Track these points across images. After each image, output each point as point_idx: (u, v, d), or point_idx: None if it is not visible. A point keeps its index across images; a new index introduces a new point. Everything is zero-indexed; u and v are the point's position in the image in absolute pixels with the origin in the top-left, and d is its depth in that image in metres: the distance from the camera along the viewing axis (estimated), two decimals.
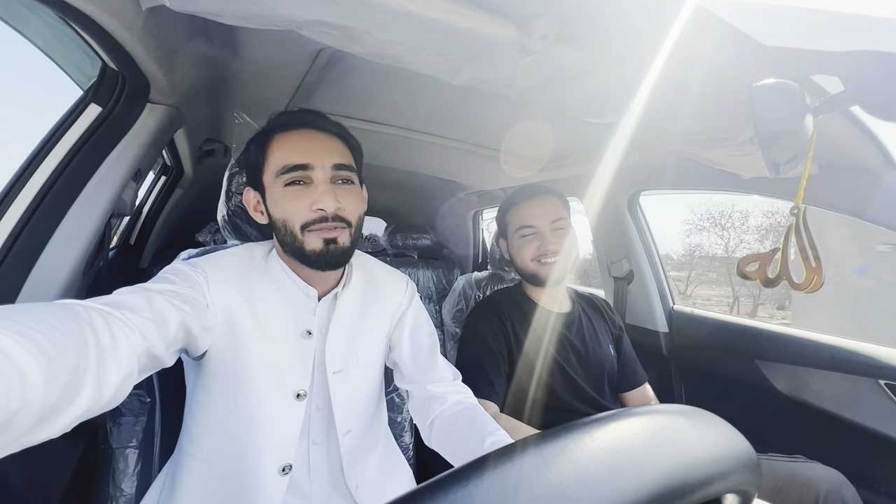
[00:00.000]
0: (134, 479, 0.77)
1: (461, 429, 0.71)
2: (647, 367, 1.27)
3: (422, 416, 0.77)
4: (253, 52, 0.92)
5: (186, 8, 0.50)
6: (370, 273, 0.82)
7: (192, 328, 0.60)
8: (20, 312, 0.38)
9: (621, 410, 0.26)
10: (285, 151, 0.67)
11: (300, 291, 0.71)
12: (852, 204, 0.92)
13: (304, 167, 0.66)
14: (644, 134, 0.84)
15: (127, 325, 0.49)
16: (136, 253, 2.00)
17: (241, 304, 0.67)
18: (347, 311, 0.75)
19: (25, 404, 0.34)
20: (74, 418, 0.40)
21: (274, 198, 0.68)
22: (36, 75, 17.16)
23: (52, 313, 0.41)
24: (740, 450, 0.26)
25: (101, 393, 0.42)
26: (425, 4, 0.50)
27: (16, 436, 0.34)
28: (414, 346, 0.82)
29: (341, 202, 0.67)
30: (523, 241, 1.13)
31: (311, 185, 0.67)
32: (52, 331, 0.38)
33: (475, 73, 0.65)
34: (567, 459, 0.21)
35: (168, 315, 0.56)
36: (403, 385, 0.83)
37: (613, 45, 0.62)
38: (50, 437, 0.38)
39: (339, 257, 0.68)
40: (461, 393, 0.79)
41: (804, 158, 0.56)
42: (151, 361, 0.54)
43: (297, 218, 0.66)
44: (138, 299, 0.54)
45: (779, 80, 0.47)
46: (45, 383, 0.35)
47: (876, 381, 1.05)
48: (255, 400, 0.66)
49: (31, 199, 0.79)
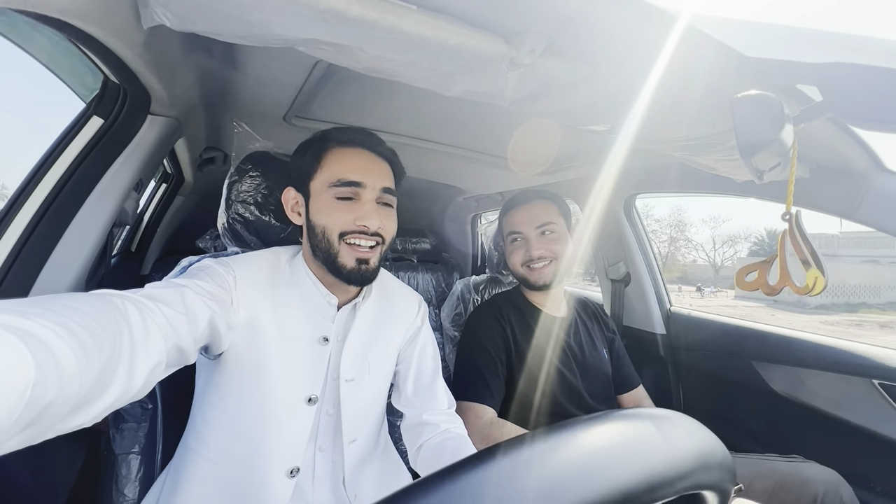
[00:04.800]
0: (136, 484, 0.78)
1: (446, 458, 0.74)
2: (645, 369, 1.28)
3: (411, 438, 0.81)
4: (251, 63, 0.94)
5: (186, 28, 0.52)
6: (387, 288, 0.85)
7: (218, 326, 0.62)
8: (61, 303, 0.39)
9: (587, 416, 0.27)
10: (342, 166, 0.71)
11: (322, 298, 0.74)
12: (843, 206, 0.94)
13: (357, 184, 0.70)
14: (637, 140, 0.86)
15: (161, 318, 0.51)
16: (137, 260, 2.02)
17: (264, 306, 0.69)
18: (364, 321, 0.78)
19: (61, 394, 0.35)
20: (105, 408, 0.41)
21: (320, 205, 0.71)
22: (40, 89, 17.12)
23: (91, 304, 0.42)
24: (711, 449, 0.27)
25: (132, 384, 0.44)
26: (416, 23, 0.52)
27: (51, 423, 0.35)
28: (418, 368, 0.85)
29: (382, 222, 0.72)
30: (513, 246, 1.17)
31: (359, 201, 0.71)
32: (90, 322, 0.40)
33: (467, 86, 0.67)
34: (544, 460, 0.22)
35: (199, 311, 0.58)
36: (399, 407, 0.85)
37: (602, 58, 0.64)
38: (82, 425, 0.39)
39: (368, 276, 0.72)
40: (452, 423, 0.82)
41: (788, 165, 0.58)
42: (179, 356, 0.55)
43: (338, 227, 0.69)
44: (173, 294, 0.56)
45: (759, 92, 0.48)
46: (80, 373, 0.36)
47: (870, 381, 1.06)
48: (267, 402, 0.68)
49: (36, 210, 0.81)
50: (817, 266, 0.66)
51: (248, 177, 0.85)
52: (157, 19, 0.52)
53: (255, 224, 0.85)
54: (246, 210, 0.84)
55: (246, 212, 0.84)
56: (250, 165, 0.86)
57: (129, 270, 1.84)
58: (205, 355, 0.71)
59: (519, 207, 1.18)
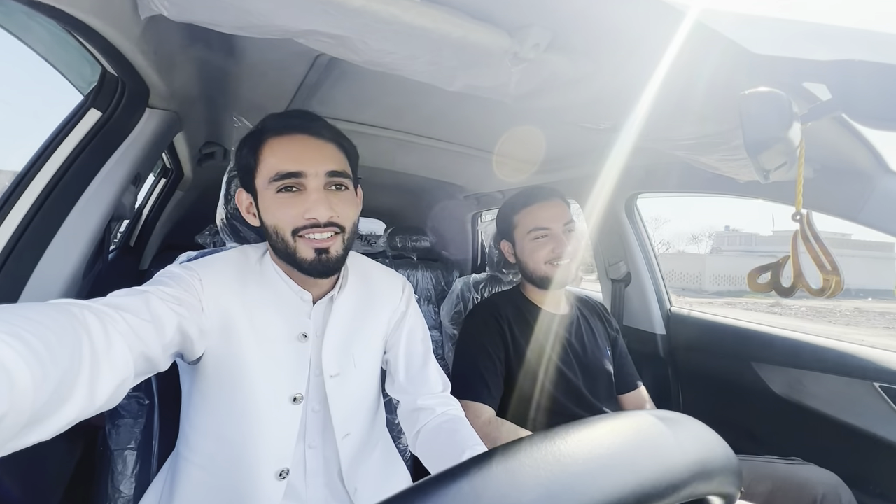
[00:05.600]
0: (132, 480, 0.77)
1: (443, 440, 0.73)
2: (645, 369, 1.28)
3: (409, 425, 0.79)
4: (251, 56, 0.93)
5: (184, 18, 0.51)
6: (366, 275, 0.82)
7: (189, 331, 0.60)
8: (13, 313, 0.38)
9: (595, 418, 0.26)
10: (278, 157, 0.66)
11: (295, 295, 0.71)
12: (847, 207, 0.93)
13: (297, 175, 0.65)
14: (639, 138, 0.85)
15: (124, 326, 0.49)
16: (135, 255, 2.01)
17: (236, 307, 0.67)
18: (344, 314, 0.75)
19: (13, 408, 0.33)
20: (66, 422, 0.39)
21: (266, 204, 0.67)
22: (37, 81, 16.88)
23: (46, 314, 0.40)
24: (718, 453, 0.26)
25: (95, 396, 0.42)
26: (418, 15, 0.51)
27: (3, 440, 0.34)
28: (408, 353, 0.82)
29: (335, 209, 0.66)
30: (536, 243, 1.12)
31: (304, 192, 0.66)
32: (45, 332, 0.38)
33: (470, 80, 0.66)
34: (535, 467, 0.22)
35: (165, 318, 0.56)
36: (394, 394, 0.83)
37: (607, 53, 0.63)
38: (40, 440, 0.37)
39: (331, 266, 0.67)
40: (448, 405, 0.80)
41: (794, 164, 0.57)
42: (147, 365, 0.53)
43: (288, 224, 0.65)
44: (136, 301, 0.54)
45: (767, 89, 0.47)
46: (35, 387, 0.34)
47: (872, 383, 1.05)
48: (251, 404, 0.67)
49: (33, 203, 0.80)
50: (833, 267, 0.64)
51: None
52: (155, 9, 0.51)
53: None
54: None
55: None
56: None
57: (127, 265, 1.83)
58: (182, 361, 0.70)
59: (542, 203, 1.14)
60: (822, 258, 0.64)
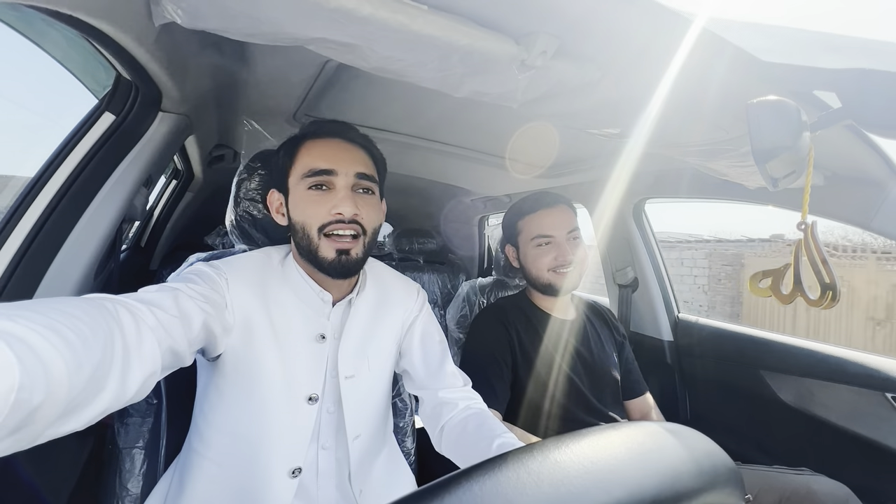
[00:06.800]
0: (140, 478, 0.78)
1: (470, 433, 0.71)
2: (652, 376, 1.26)
3: (432, 422, 0.78)
4: (262, 61, 0.94)
5: (196, 25, 0.52)
6: (383, 280, 0.84)
7: (213, 328, 0.62)
8: (49, 307, 0.39)
9: (604, 426, 0.26)
10: (312, 156, 0.71)
11: (315, 296, 0.73)
12: (858, 215, 0.92)
13: (328, 172, 0.69)
14: (648, 144, 0.85)
15: (153, 321, 0.50)
16: (146, 255, 2.04)
17: (258, 307, 0.69)
18: (361, 316, 0.77)
19: (49, 398, 0.34)
20: (99, 412, 0.41)
21: (296, 200, 0.71)
22: (53, 85, 16.96)
23: (81, 308, 0.42)
24: (719, 464, 0.26)
25: (125, 388, 0.43)
26: (426, 23, 0.51)
27: (41, 428, 0.35)
28: (425, 353, 0.83)
29: (360, 210, 0.69)
30: (539, 250, 1.12)
31: (333, 190, 0.70)
32: (80, 325, 0.39)
33: (477, 87, 0.66)
34: (552, 472, 0.22)
35: (193, 314, 0.58)
36: (414, 391, 0.84)
37: (614, 61, 0.63)
38: (74, 429, 0.39)
39: (350, 267, 0.70)
40: (470, 399, 0.79)
41: (803, 173, 0.57)
42: (174, 359, 0.55)
43: (316, 220, 0.68)
44: (166, 297, 0.56)
45: (775, 98, 0.47)
46: (70, 378, 0.36)
47: (883, 394, 1.04)
48: (267, 402, 0.68)
49: (47, 204, 0.82)
50: (831, 280, 0.64)
51: (256, 174, 0.85)
52: (169, 16, 0.52)
53: (262, 222, 0.85)
54: (254, 208, 0.84)
55: (254, 209, 0.84)
56: (259, 163, 0.87)
57: (137, 265, 1.86)
58: (202, 357, 0.71)
59: (546, 210, 1.13)
60: (822, 270, 0.63)
